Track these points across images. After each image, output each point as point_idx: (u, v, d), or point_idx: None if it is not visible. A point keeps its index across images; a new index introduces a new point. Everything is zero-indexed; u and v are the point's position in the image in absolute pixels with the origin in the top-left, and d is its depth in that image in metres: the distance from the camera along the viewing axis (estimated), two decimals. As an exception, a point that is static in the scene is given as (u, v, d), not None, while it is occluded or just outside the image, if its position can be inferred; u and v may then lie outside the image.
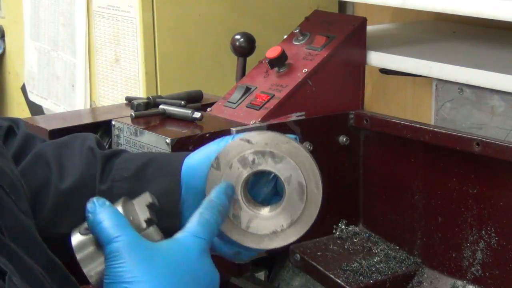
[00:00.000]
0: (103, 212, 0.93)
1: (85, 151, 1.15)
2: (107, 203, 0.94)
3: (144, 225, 0.96)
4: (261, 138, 1.02)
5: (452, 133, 1.46)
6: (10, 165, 1.03)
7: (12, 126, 1.18)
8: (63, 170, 1.13)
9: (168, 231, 1.06)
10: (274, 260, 1.66)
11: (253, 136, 1.03)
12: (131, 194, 1.06)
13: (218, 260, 0.99)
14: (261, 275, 1.65)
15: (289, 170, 1.02)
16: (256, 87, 1.59)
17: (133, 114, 1.55)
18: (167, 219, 1.07)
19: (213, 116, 1.58)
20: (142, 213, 0.97)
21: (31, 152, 1.16)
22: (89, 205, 0.94)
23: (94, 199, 0.95)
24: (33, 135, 1.19)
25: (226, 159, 1.02)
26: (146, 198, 1.00)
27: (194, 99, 1.71)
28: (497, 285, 1.44)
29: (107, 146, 1.57)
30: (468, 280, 1.48)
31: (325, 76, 1.59)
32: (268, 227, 1.03)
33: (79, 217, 1.00)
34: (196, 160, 1.09)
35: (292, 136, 1.06)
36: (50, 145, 1.17)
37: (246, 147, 1.03)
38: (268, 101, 1.55)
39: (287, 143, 1.02)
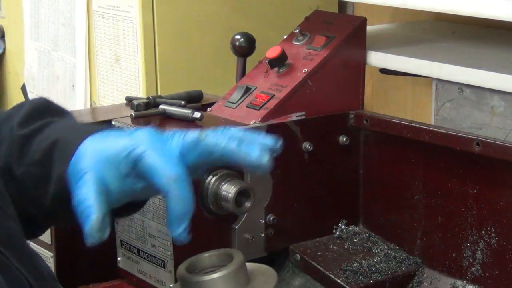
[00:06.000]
0: None
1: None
2: None
3: None
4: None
5: (452, 133, 1.46)
6: None
7: None
8: None
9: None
10: (274, 260, 1.66)
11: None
12: (40, 180, 1.01)
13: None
14: (261, 275, 1.64)
15: None
16: (256, 87, 1.59)
17: (133, 114, 1.55)
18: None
19: (213, 116, 1.58)
20: None
21: None
22: None
23: None
24: None
25: None
26: None
27: (194, 99, 1.71)
28: (497, 285, 1.44)
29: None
30: (468, 280, 1.48)
31: (325, 76, 1.59)
32: None
33: (4, 202, 0.96)
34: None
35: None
36: None
37: None
38: (268, 101, 1.55)
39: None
